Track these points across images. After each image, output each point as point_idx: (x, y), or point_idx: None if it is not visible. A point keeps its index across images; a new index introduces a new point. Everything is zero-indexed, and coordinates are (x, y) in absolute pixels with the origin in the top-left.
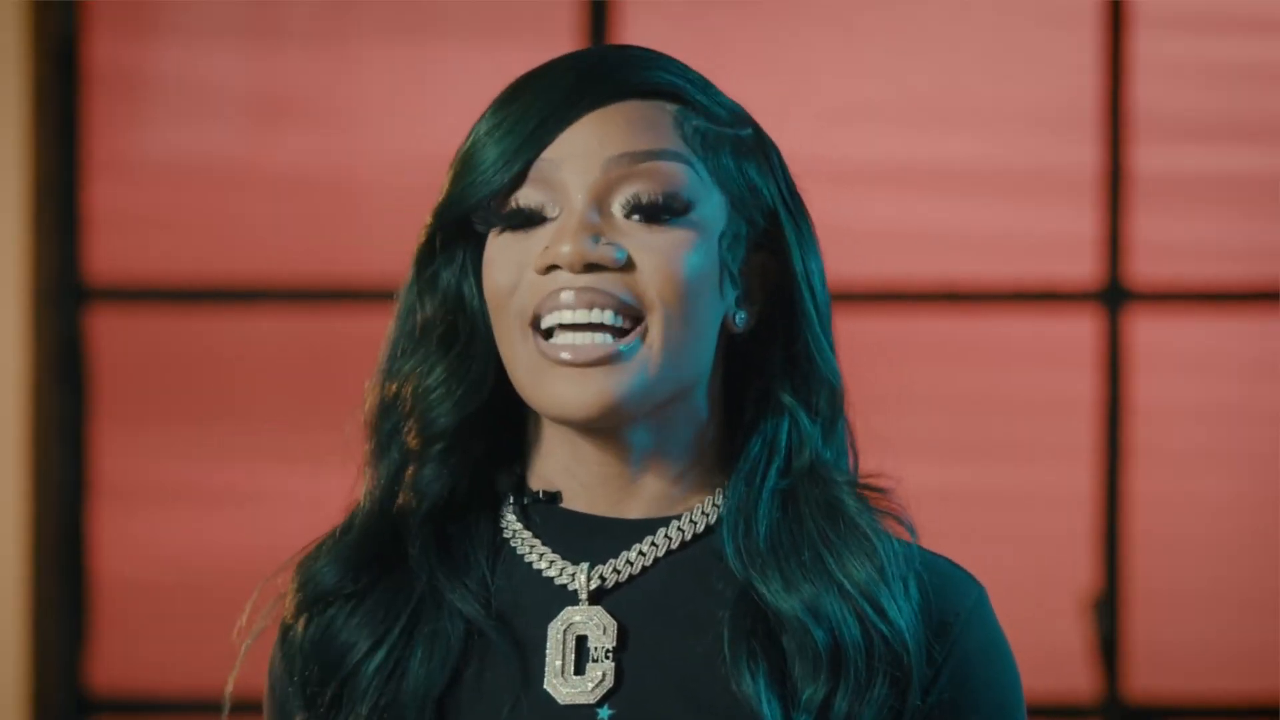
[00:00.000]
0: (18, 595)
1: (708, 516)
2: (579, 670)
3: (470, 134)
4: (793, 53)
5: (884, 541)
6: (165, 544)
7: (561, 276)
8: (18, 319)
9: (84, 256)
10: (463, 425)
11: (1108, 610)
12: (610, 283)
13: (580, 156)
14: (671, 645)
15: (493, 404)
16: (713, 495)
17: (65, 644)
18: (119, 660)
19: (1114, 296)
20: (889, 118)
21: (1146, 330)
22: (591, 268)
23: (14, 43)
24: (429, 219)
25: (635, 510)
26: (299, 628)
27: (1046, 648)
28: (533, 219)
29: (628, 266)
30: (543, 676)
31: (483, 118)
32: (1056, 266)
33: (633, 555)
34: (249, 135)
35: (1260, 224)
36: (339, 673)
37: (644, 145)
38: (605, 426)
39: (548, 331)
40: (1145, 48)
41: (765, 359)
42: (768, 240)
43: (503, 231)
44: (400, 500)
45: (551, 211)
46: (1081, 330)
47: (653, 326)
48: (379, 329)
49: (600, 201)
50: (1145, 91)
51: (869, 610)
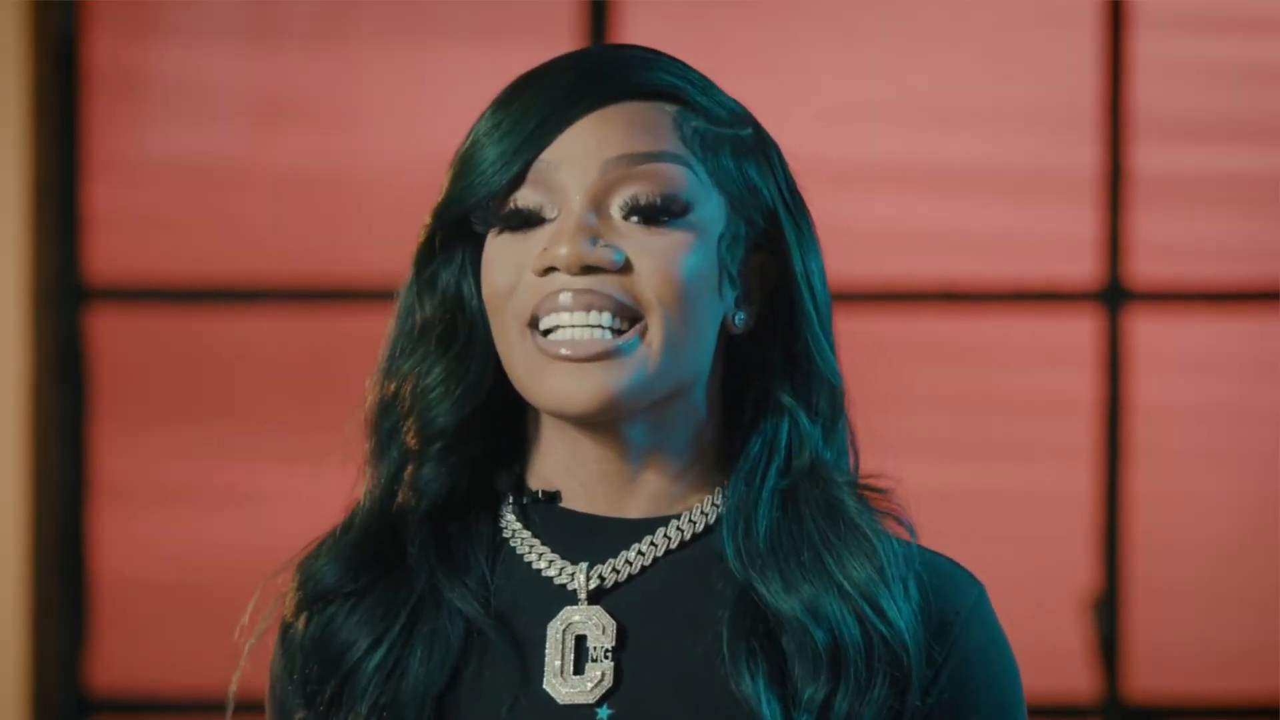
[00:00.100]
0: (18, 595)
1: (707, 516)
2: (578, 670)
3: (469, 134)
4: (793, 53)
5: (884, 542)
6: (165, 544)
7: (559, 278)
8: (18, 319)
9: (84, 256)
10: (462, 425)
11: (1108, 610)
12: (608, 285)
13: (579, 158)
14: (671, 645)
15: (491, 404)
16: (712, 495)
17: (65, 644)
18: (119, 660)
19: (1114, 296)
20: (889, 118)
21: (1146, 330)
22: (589, 270)
23: (14, 43)
24: (428, 219)
25: (635, 510)
26: (299, 626)
27: (1046, 648)
28: (531, 220)
29: (626, 268)
30: (542, 676)
31: (482, 118)
32: (1056, 266)
33: (632, 555)
34: (249, 135)
35: (1260, 224)
36: (339, 671)
37: (643, 147)
38: (603, 421)
39: (546, 330)
40: (1145, 48)
41: (765, 359)
42: (767, 240)
43: (501, 232)
44: (400, 499)
45: (550, 213)
46: (1081, 330)
47: (652, 326)
48: (379, 329)
49: (599, 203)
50: (1145, 91)
51: (868, 611)
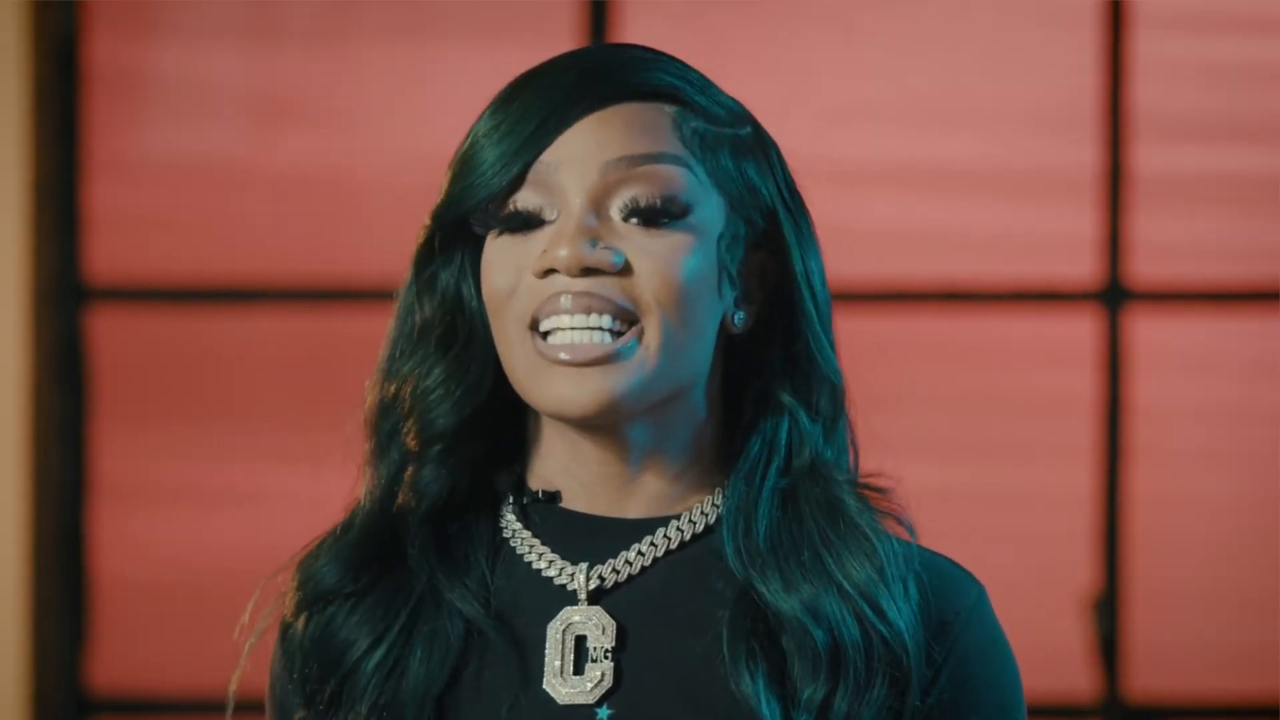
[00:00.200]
0: (18, 595)
1: (707, 516)
2: (578, 670)
3: (469, 135)
4: (793, 53)
5: (884, 542)
6: (165, 544)
7: (559, 280)
8: (18, 319)
9: (84, 256)
10: (462, 426)
11: (1108, 610)
12: (607, 287)
13: (578, 160)
14: (671, 645)
15: (491, 405)
16: (712, 495)
17: (65, 644)
18: (119, 660)
19: (1114, 296)
20: (889, 118)
21: (1146, 330)
22: (589, 272)
23: (14, 43)
24: (427, 220)
25: (634, 510)
26: (299, 626)
27: (1046, 648)
28: (531, 222)
29: (625, 270)
30: (542, 676)
31: (481, 118)
32: (1056, 266)
33: (632, 555)
34: (249, 135)
35: (1260, 224)
36: (338, 670)
37: (642, 148)
38: (603, 424)
39: (546, 333)
40: (1145, 48)
41: (765, 359)
42: (767, 240)
43: (501, 234)
44: (400, 500)
45: (550, 214)
46: (1081, 330)
47: (649, 329)
48: (379, 329)
49: (598, 205)
50: (1145, 91)
51: (868, 611)
